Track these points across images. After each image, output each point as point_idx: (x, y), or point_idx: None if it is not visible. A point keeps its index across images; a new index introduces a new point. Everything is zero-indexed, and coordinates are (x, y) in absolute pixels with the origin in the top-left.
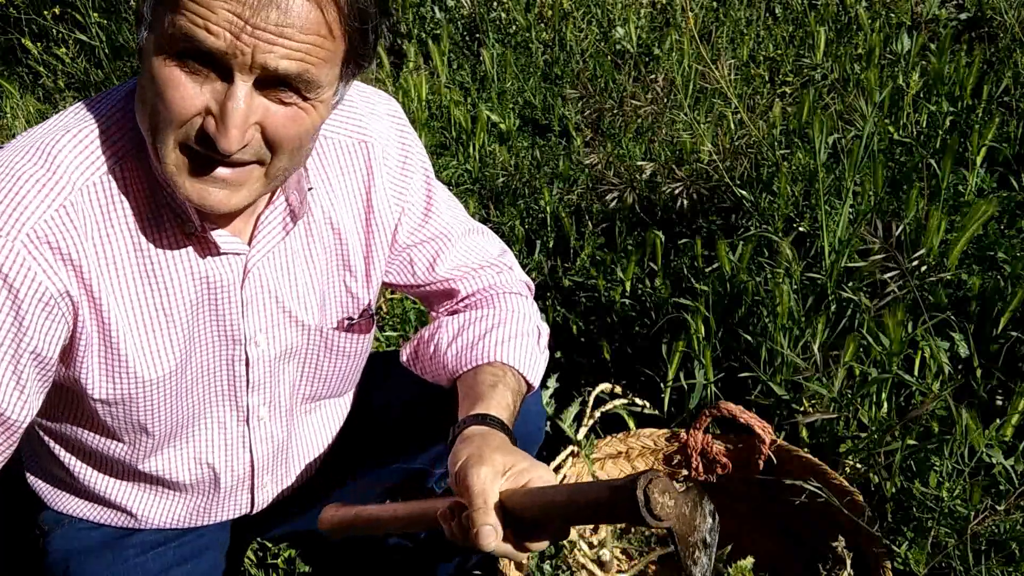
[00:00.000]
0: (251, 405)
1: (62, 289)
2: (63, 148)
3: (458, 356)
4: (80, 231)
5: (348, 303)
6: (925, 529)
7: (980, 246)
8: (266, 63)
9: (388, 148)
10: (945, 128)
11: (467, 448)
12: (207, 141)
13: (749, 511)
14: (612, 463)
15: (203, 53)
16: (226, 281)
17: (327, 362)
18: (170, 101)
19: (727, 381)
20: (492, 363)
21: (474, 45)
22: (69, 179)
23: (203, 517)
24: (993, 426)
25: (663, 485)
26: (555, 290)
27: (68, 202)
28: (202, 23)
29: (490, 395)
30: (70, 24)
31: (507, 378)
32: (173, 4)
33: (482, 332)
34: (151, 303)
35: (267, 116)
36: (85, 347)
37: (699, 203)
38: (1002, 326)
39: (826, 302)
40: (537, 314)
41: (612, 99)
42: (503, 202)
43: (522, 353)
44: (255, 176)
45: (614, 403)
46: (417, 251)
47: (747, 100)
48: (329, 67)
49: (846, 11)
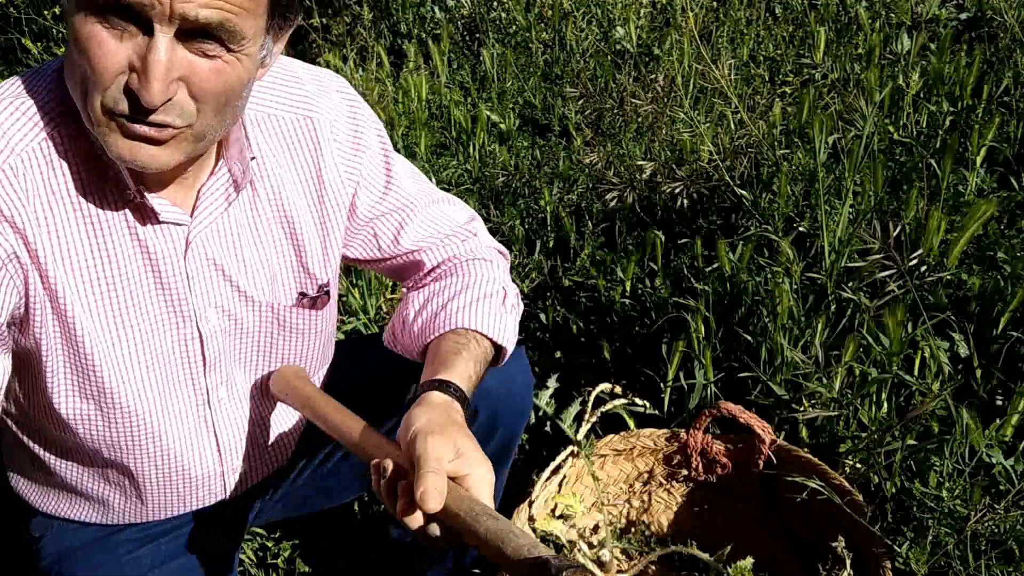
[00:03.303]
0: (209, 386)
1: (10, 251)
2: (0, 113)
3: (424, 327)
4: (22, 196)
5: (304, 280)
6: (925, 529)
7: (980, 246)
8: (185, 12)
9: (337, 124)
10: (945, 128)
11: (426, 414)
12: (133, 99)
13: (749, 511)
14: (612, 463)
15: (122, 7)
16: (167, 251)
17: (282, 341)
18: (92, 59)
19: (727, 381)
20: (456, 329)
21: (474, 45)
22: (7, 144)
23: (177, 506)
24: (993, 426)
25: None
26: (555, 290)
27: (8, 165)
28: None
29: (453, 361)
30: None
31: (471, 344)
32: None
33: (445, 300)
34: (96, 271)
35: (191, 69)
36: (41, 315)
37: (699, 203)
38: (1002, 326)
39: (826, 302)
40: (503, 276)
41: (612, 99)
42: (503, 202)
43: (485, 315)
44: (183, 136)
45: (614, 403)
46: (380, 224)
47: (747, 100)
48: (252, 18)
49: (846, 11)
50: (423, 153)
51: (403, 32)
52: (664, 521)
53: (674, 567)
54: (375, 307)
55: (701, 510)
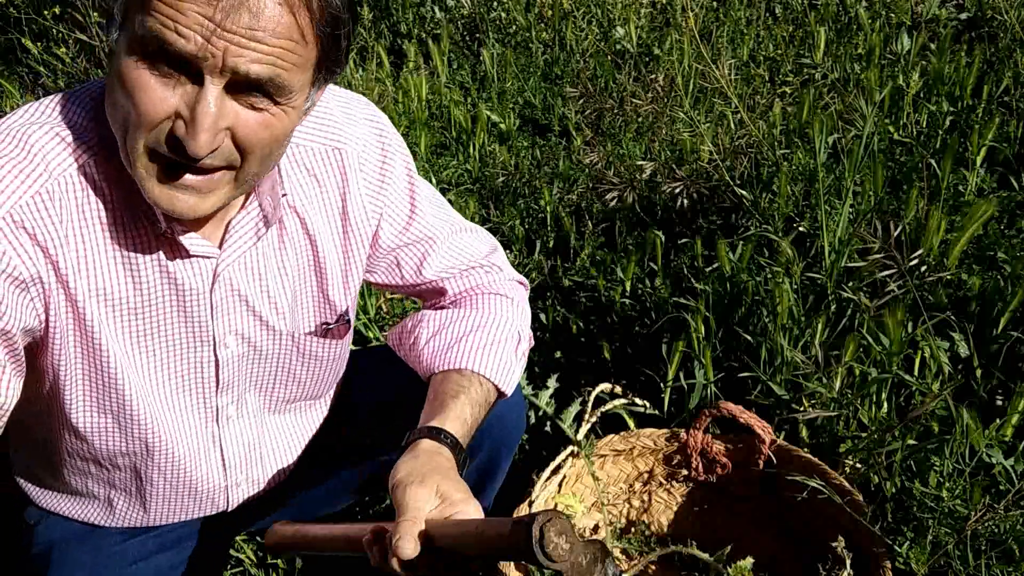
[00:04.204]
0: (219, 405)
1: (35, 274)
2: (40, 138)
3: (432, 355)
4: (56, 221)
5: (324, 308)
6: (925, 529)
7: (980, 246)
8: (237, 67)
9: (365, 153)
10: (945, 128)
11: (410, 463)
12: (177, 145)
13: (749, 511)
14: (612, 463)
15: (173, 56)
16: (195, 284)
17: (300, 367)
18: (140, 104)
19: (727, 381)
20: (462, 370)
21: (474, 45)
22: (47, 167)
23: (179, 514)
24: (993, 426)
25: (561, 527)
26: (555, 290)
27: (45, 190)
28: (172, 25)
29: (451, 406)
30: (70, 24)
31: (472, 389)
32: (143, 5)
33: (459, 336)
34: (124, 297)
35: (238, 121)
36: (62, 336)
37: (699, 203)
38: (1002, 326)
39: (826, 302)
40: (521, 317)
41: (612, 99)
42: (503, 202)
43: (495, 361)
44: (224, 181)
45: (614, 403)
46: (403, 253)
47: (747, 100)
48: (301, 72)
49: (846, 11)
50: (423, 153)
51: (403, 32)
52: (664, 521)
53: (674, 567)
54: (375, 307)
55: (701, 510)
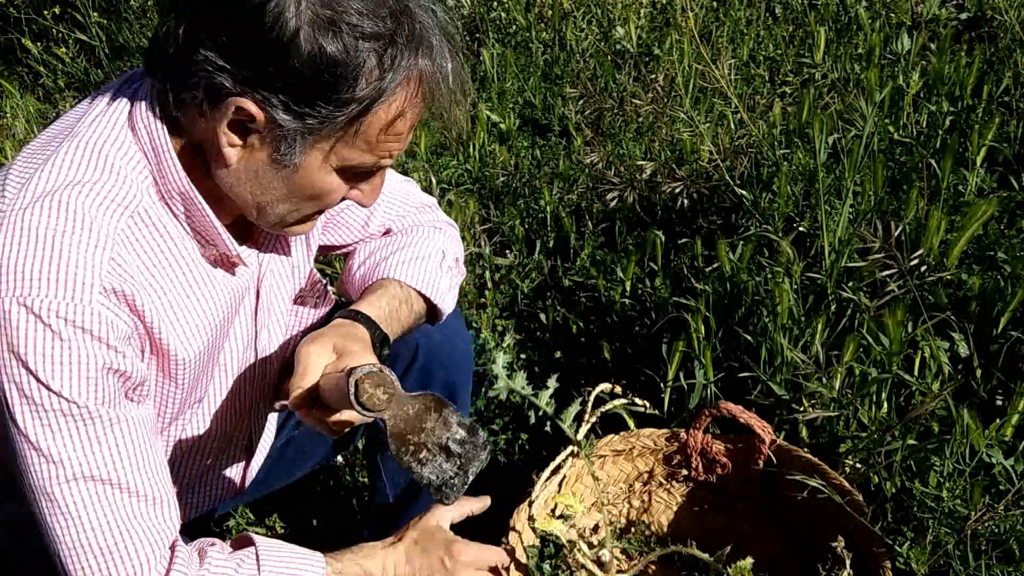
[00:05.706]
0: (254, 398)
1: (132, 328)
2: (82, 204)
3: (364, 276)
4: (131, 274)
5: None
6: (925, 529)
7: (980, 246)
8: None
9: None
10: (945, 128)
11: (315, 331)
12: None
13: (749, 511)
14: (612, 463)
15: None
16: (249, 287)
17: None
18: (326, 201)
19: (727, 381)
20: (387, 279)
21: (474, 45)
22: (103, 233)
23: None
24: (993, 426)
25: (379, 379)
26: (555, 290)
27: (115, 254)
28: (387, 155)
29: (369, 298)
30: (70, 24)
31: (392, 287)
32: (363, 141)
33: (386, 255)
34: (193, 315)
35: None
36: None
37: (699, 203)
38: (1002, 326)
39: (826, 302)
40: (449, 240)
41: (612, 99)
42: (503, 202)
43: (417, 271)
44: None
45: (614, 403)
46: (349, 213)
47: (747, 100)
48: None
49: (846, 11)
50: (423, 153)
51: None
52: (664, 521)
53: (674, 567)
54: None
55: (701, 510)
